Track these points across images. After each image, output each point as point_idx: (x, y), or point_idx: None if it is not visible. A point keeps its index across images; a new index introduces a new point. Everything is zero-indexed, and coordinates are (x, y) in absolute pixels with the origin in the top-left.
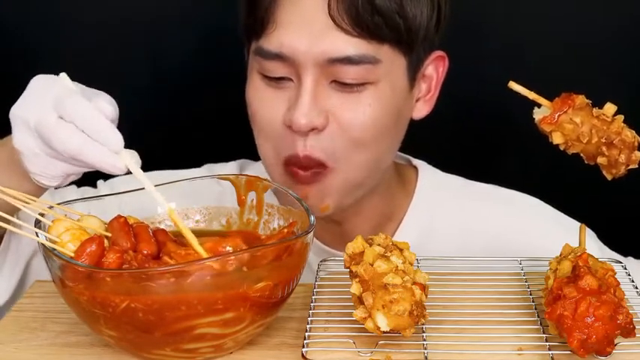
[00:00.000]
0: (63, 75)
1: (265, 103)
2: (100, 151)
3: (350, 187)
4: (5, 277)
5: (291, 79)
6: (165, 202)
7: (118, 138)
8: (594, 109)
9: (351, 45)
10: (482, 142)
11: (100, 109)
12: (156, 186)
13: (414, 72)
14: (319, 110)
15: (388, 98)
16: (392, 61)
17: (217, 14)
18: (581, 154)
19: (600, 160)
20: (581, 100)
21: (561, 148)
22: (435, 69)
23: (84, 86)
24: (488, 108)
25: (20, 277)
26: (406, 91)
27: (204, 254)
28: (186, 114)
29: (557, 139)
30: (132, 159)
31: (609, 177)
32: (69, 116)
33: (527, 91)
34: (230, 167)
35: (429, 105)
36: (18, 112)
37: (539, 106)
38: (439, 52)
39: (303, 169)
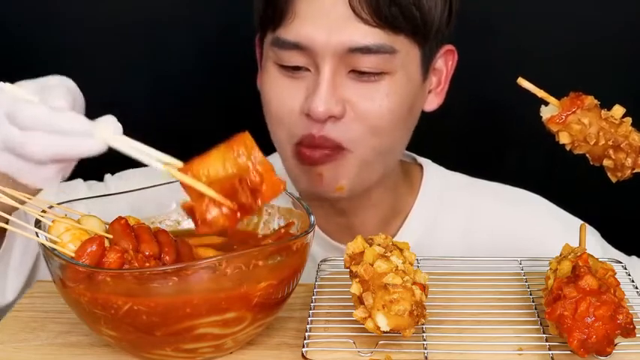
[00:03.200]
0: (2, 85)
1: (281, 93)
2: (72, 143)
3: (364, 168)
4: (12, 277)
5: (308, 69)
6: (160, 160)
7: (82, 123)
8: (603, 110)
9: (369, 35)
10: (485, 138)
11: (52, 108)
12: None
13: (427, 64)
14: (337, 99)
15: (404, 89)
16: (407, 52)
17: (217, 14)
18: (587, 155)
19: (606, 162)
20: (590, 100)
21: (567, 148)
22: (445, 62)
23: (31, 82)
24: (491, 105)
25: (29, 274)
26: (420, 82)
27: (216, 195)
28: (187, 114)
29: (564, 139)
30: (110, 131)
31: (614, 179)
32: (28, 127)
33: (536, 88)
34: None
35: (439, 97)
36: None
37: (546, 103)
38: (449, 46)
39: (313, 149)
